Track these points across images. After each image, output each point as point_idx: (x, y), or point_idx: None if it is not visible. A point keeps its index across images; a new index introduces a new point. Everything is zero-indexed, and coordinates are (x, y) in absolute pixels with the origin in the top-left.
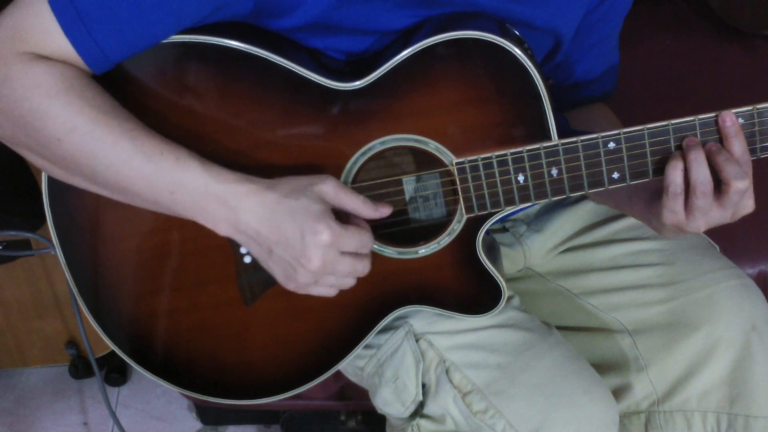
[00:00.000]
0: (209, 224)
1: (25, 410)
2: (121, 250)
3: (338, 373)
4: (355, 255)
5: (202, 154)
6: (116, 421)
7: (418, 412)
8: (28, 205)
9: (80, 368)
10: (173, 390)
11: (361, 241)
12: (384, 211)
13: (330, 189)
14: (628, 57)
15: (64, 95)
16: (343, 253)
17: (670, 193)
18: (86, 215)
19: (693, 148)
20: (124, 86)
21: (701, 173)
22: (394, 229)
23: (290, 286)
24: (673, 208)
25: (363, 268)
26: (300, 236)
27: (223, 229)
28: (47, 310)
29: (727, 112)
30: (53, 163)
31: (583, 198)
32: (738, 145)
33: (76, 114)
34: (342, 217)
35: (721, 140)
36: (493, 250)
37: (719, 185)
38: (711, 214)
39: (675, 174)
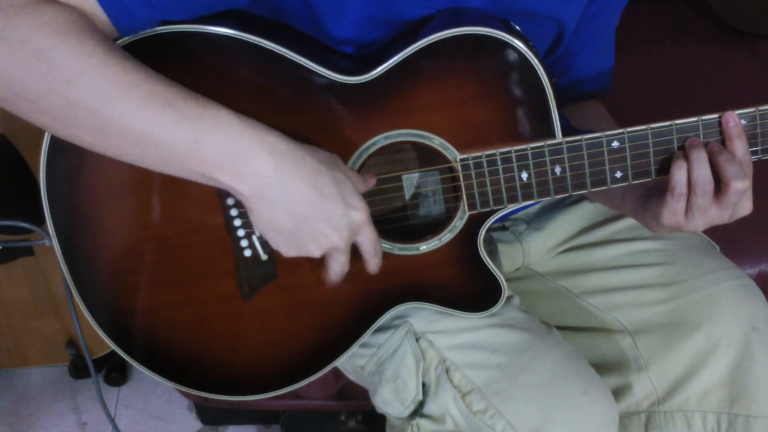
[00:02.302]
0: (231, 180)
1: (25, 410)
2: (118, 245)
3: (338, 373)
4: (347, 257)
5: None
6: (113, 425)
7: (418, 411)
8: (28, 204)
9: (80, 368)
10: (172, 389)
11: (375, 246)
12: (371, 181)
13: (344, 167)
14: (628, 57)
15: (74, 35)
16: (361, 239)
17: (676, 193)
18: (84, 211)
19: (695, 147)
20: None
21: (702, 172)
22: (395, 225)
23: (290, 253)
24: (674, 209)
25: (341, 267)
26: (342, 203)
27: (247, 186)
28: (47, 310)
29: (731, 113)
30: (58, 115)
31: (583, 197)
32: (740, 146)
33: (88, 54)
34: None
35: (724, 141)
36: (491, 250)
37: (719, 185)
38: (709, 213)
39: (680, 174)
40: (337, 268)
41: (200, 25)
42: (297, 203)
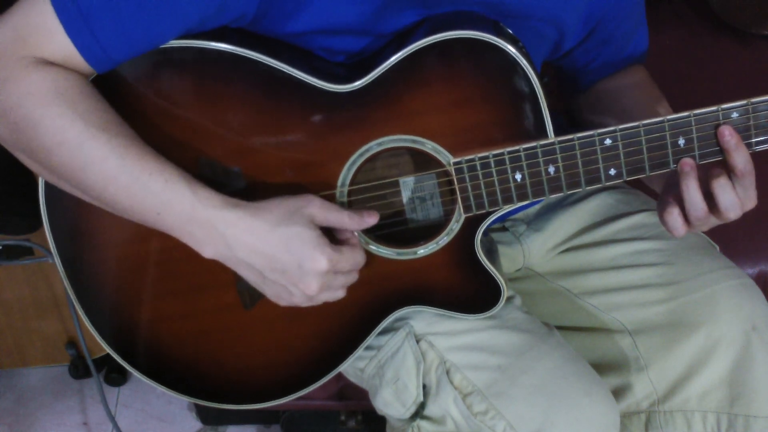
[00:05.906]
0: (194, 246)
1: (25, 410)
2: (119, 255)
3: (338, 374)
4: (348, 272)
5: (200, 159)
6: (114, 425)
7: (419, 413)
8: (27, 205)
9: (80, 368)
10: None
11: (355, 259)
12: (369, 220)
13: (317, 211)
14: None
15: (56, 105)
16: (338, 272)
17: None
18: (83, 219)
19: (685, 175)
20: (117, 89)
21: (693, 198)
22: (392, 230)
23: (282, 304)
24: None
25: (353, 279)
26: (297, 265)
27: (208, 253)
28: (47, 311)
29: (725, 127)
30: (48, 170)
31: (583, 198)
32: (740, 158)
33: (66, 127)
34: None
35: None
36: (491, 252)
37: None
38: (710, 221)
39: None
40: (330, 299)
41: (194, 40)
42: (256, 263)
